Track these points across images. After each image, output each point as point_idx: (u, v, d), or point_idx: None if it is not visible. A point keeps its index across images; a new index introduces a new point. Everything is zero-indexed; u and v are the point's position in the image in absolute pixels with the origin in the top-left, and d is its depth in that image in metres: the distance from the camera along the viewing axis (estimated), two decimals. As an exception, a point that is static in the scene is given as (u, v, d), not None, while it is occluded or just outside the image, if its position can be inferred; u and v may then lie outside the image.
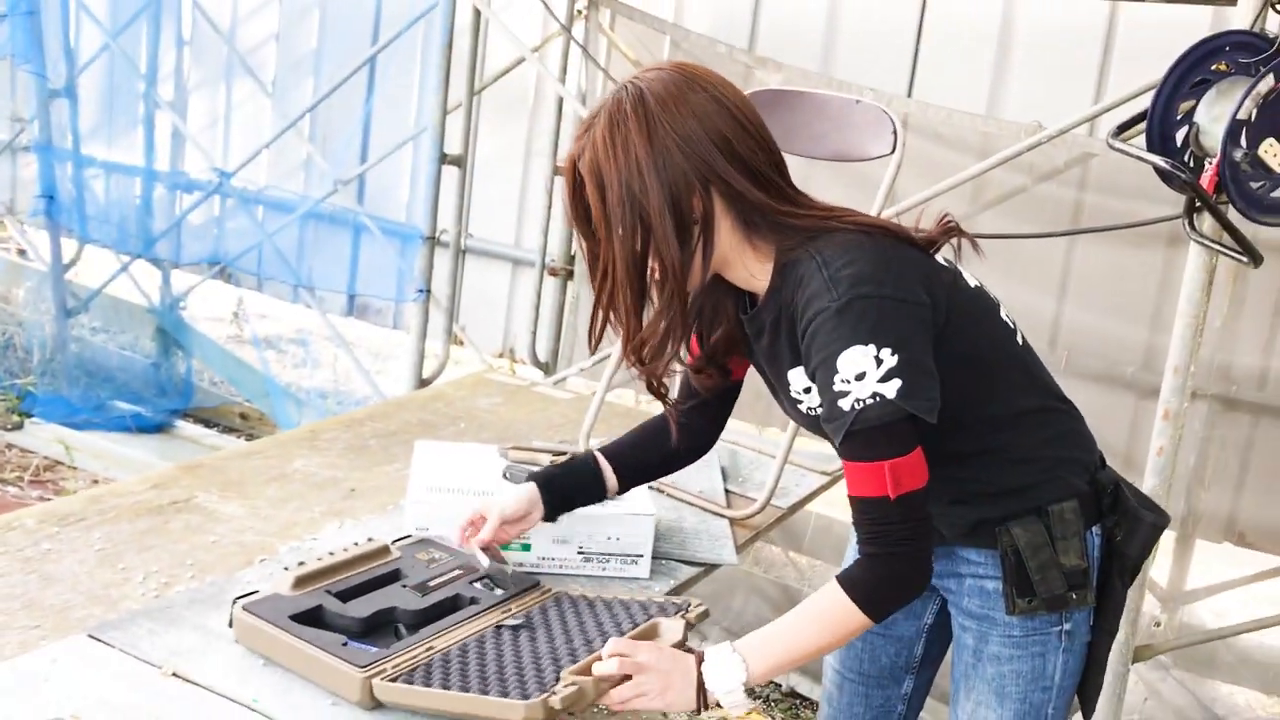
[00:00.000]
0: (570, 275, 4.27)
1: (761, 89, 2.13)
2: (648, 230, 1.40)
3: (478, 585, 1.71)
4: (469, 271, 4.50)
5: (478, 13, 3.58)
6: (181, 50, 5.10)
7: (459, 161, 3.74)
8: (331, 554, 1.70)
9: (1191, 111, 2.17)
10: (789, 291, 1.43)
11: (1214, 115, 2.12)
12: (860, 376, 1.33)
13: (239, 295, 5.44)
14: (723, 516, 2.26)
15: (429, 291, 3.69)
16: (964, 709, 1.61)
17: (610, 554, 1.91)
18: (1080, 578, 1.51)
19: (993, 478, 1.52)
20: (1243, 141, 2.05)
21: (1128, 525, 1.53)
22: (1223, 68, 2.16)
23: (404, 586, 1.67)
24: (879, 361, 1.33)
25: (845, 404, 1.35)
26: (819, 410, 1.44)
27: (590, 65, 4.08)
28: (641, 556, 1.92)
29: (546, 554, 1.89)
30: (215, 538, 1.93)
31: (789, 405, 1.55)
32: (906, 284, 1.39)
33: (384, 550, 1.75)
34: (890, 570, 1.40)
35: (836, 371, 1.35)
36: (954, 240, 1.50)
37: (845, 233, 1.42)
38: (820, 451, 2.70)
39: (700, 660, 1.43)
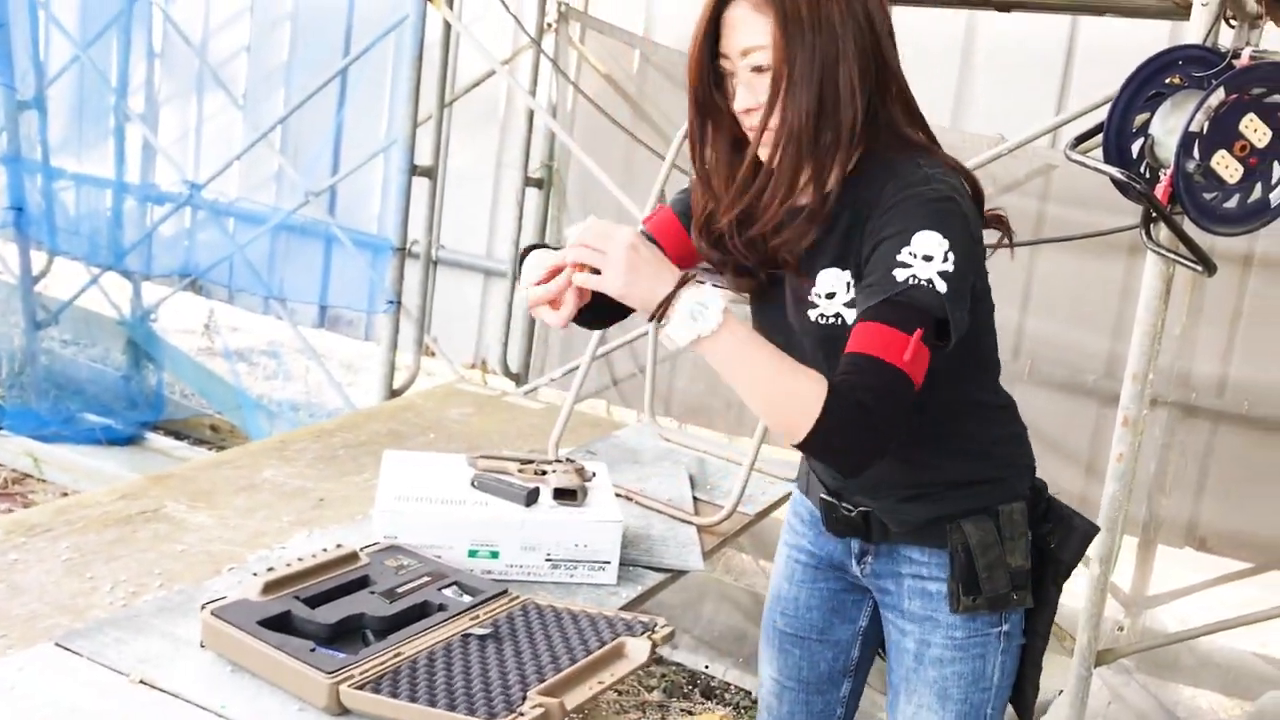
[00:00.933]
0: (541, 286, 4.28)
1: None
2: (834, 84, 1.38)
3: (446, 592, 1.72)
4: (441, 282, 4.51)
5: (448, 26, 3.60)
6: (152, 62, 5.09)
7: (430, 173, 3.75)
8: (300, 560, 1.71)
9: (1146, 124, 2.22)
10: (874, 187, 1.41)
11: (1168, 127, 2.16)
12: (927, 259, 1.34)
13: (210, 307, 5.42)
14: (690, 523, 2.29)
15: (399, 303, 3.70)
16: (904, 713, 1.62)
17: (578, 561, 1.92)
18: (1023, 578, 1.54)
19: (948, 468, 1.54)
20: (1195, 153, 2.09)
21: (1062, 531, 1.58)
22: (1176, 81, 2.20)
23: (372, 593, 1.68)
24: (945, 257, 1.34)
25: (901, 275, 1.33)
26: (833, 317, 1.44)
27: (560, 78, 4.11)
28: (609, 563, 1.94)
29: (514, 561, 1.90)
30: (183, 547, 1.94)
31: (793, 311, 1.50)
32: (980, 227, 1.44)
33: (353, 556, 1.76)
34: (862, 425, 1.31)
35: (908, 244, 1.34)
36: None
37: (946, 165, 1.45)
38: (787, 459, 2.73)
39: (685, 282, 1.35)
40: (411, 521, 1.88)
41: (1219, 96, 2.07)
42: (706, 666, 3.59)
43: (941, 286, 1.33)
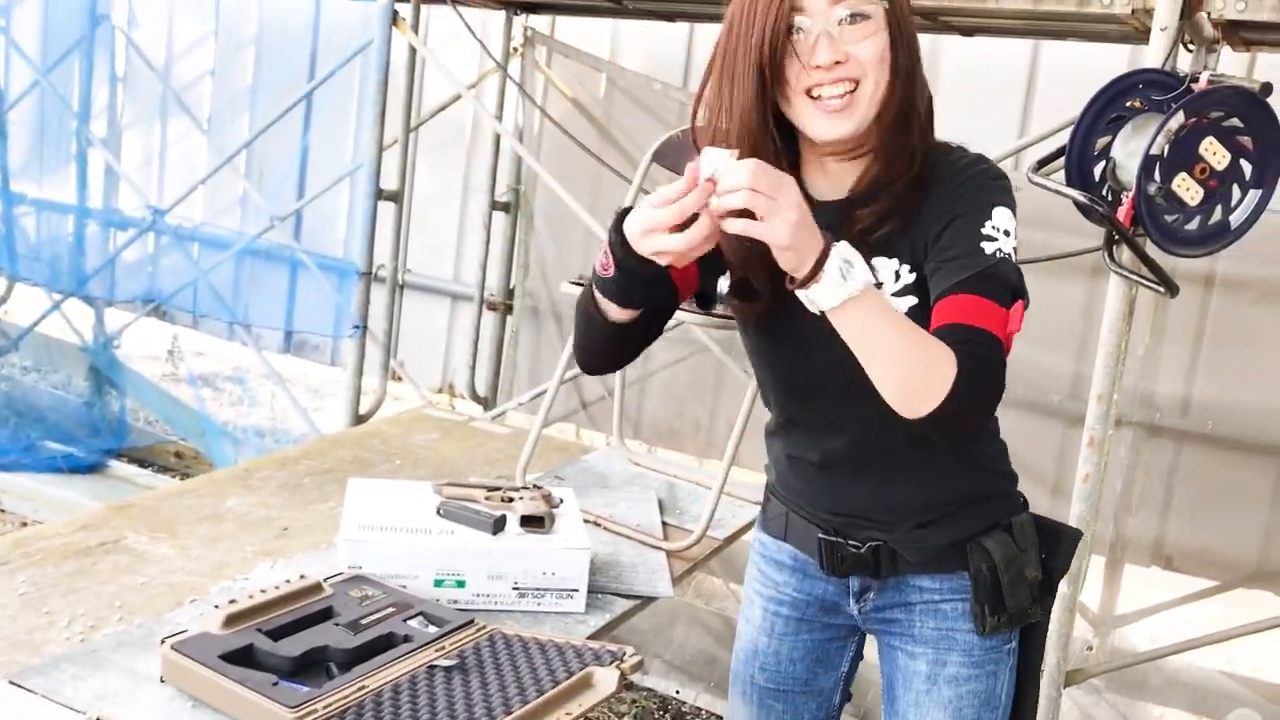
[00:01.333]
0: (509, 309, 4.28)
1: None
2: (917, 52, 1.41)
3: (411, 623, 1.70)
4: (408, 307, 4.49)
5: (413, 50, 3.60)
6: (115, 87, 5.06)
7: (396, 197, 3.74)
8: (263, 591, 1.68)
9: (1108, 147, 2.24)
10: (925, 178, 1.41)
11: (1129, 150, 2.18)
12: (1007, 233, 1.36)
13: (174, 333, 5.38)
14: (659, 549, 2.27)
15: (365, 327, 3.68)
16: None
17: (546, 589, 1.91)
18: (1038, 589, 1.53)
19: (962, 482, 1.51)
20: (1156, 176, 2.12)
21: (1053, 540, 1.57)
22: (1137, 105, 2.22)
23: (336, 624, 1.65)
24: (1015, 234, 1.37)
25: (989, 248, 1.34)
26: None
27: (526, 102, 4.11)
28: (577, 591, 1.92)
29: (481, 590, 1.88)
30: (144, 579, 1.90)
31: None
32: None
33: (316, 588, 1.74)
34: (981, 396, 1.31)
35: (990, 219, 1.36)
36: None
37: None
38: (756, 482, 2.72)
39: (831, 242, 1.26)
40: (376, 551, 1.85)
41: (1179, 120, 2.10)
42: (678, 691, 3.57)
43: (1014, 259, 1.37)
